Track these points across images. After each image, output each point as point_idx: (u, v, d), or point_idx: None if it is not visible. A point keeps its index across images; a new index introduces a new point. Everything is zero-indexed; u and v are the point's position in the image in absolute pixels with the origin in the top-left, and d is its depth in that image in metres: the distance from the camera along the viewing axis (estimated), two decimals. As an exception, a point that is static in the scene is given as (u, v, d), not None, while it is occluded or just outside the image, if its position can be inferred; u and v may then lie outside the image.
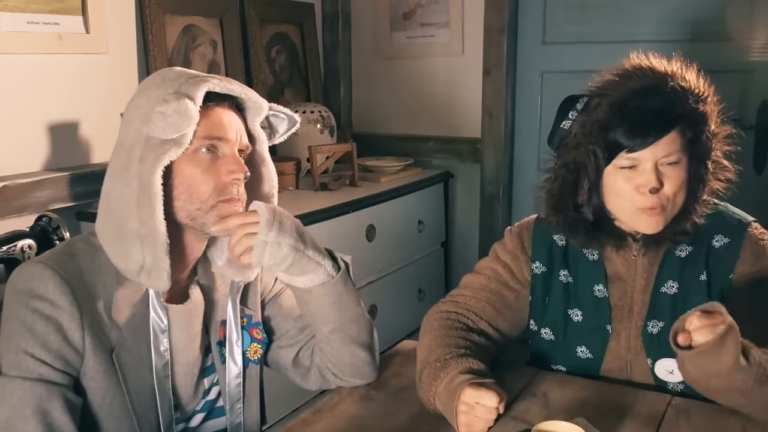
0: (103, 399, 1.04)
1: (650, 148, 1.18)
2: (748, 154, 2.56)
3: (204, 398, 1.20)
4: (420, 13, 3.04)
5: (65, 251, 1.08)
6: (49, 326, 0.99)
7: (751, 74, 2.51)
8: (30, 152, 2.01)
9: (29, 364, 0.98)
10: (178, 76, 1.08)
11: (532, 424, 1.08)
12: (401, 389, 1.30)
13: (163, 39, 2.37)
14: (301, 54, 3.07)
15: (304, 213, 2.18)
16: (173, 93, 1.03)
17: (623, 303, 1.31)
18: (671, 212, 1.23)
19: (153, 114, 1.02)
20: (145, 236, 1.03)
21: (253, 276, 1.22)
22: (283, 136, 1.26)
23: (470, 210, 3.03)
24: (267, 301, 1.32)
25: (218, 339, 1.19)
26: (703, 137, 1.22)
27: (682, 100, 1.20)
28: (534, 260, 1.38)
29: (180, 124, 1.02)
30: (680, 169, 1.21)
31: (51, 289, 1.00)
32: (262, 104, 1.16)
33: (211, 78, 1.08)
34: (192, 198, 1.08)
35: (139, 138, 1.05)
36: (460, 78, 2.98)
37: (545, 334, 1.38)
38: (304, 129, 2.70)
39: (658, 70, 1.23)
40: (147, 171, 1.03)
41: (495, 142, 2.92)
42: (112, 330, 1.05)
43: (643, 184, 1.20)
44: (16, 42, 1.93)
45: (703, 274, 1.28)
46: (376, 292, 2.57)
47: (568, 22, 2.77)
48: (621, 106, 1.20)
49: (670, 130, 1.19)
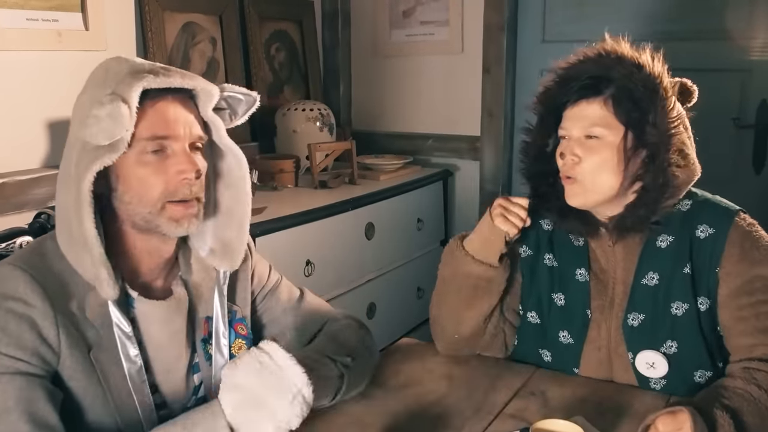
0: (83, 398, 1.02)
1: (577, 119, 1.22)
2: (747, 153, 2.55)
3: (195, 395, 1.18)
4: (420, 11, 3.03)
5: (35, 251, 1.06)
6: (23, 324, 0.97)
7: (751, 73, 2.50)
8: (29, 149, 2.01)
9: (5, 361, 0.96)
10: (119, 71, 1.03)
11: (530, 422, 1.08)
12: (400, 387, 1.30)
13: (163, 36, 2.37)
14: (301, 52, 3.07)
15: (303, 211, 2.18)
16: (110, 94, 0.99)
17: (605, 293, 1.31)
18: (593, 188, 1.22)
19: (88, 117, 0.98)
20: (84, 244, 1.01)
21: (238, 263, 1.19)
22: (242, 117, 1.18)
23: (469, 208, 3.03)
24: (265, 294, 1.31)
25: (202, 336, 1.17)
26: (650, 118, 1.19)
27: (614, 66, 1.21)
28: (521, 244, 1.40)
29: (112, 130, 0.98)
30: (603, 146, 1.21)
31: (22, 289, 0.98)
32: (211, 90, 1.10)
33: (148, 74, 1.02)
34: (142, 201, 1.05)
35: (77, 141, 1.02)
36: (460, 76, 2.98)
37: (531, 317, 1.39)
38: (303, 127, 2.70)
39: (606, 48, 1.26)
40: (79, 177, 1.00)
41: (494, 140, 2.92)
42: (88, 329, 1.03)
43: (562, 151, 1.24)
44: (15, 39, 1.93)
45: (686, 267, 1.25)
46: (375, 290, 2.57)
47: (567, 21, 2.77)
48: (561, 72, 1.28)
49: (599, 92, 1.21)
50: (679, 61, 1.33)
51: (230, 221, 1.18)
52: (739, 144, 2.56)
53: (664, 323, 1.25)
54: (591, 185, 1.23)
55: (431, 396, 1.27)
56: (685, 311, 1.24)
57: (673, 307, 1.25)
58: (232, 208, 1.18)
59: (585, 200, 1.25)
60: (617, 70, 1.21)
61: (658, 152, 1.20)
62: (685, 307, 1.24)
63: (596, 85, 1.22)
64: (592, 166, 1.21)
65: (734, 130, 2.54)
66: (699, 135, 1.30)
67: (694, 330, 1.23)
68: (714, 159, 2.57)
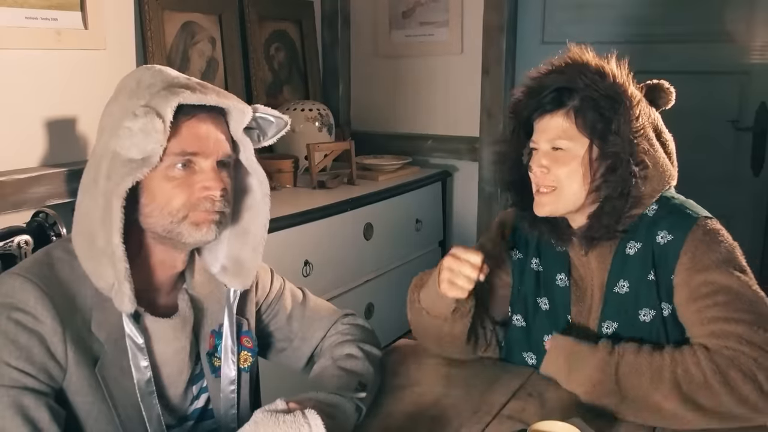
0: (88, 414, 1.01)
1: (543, 131, 1.24)
2: (745, 155, 2.56)
3: (192, 405, 1.17)
4: (419, 12, 3.03)
5: (43, 261, 1.04)
6: (33, 339, 0.96)
7: (750, 76, 2.51)
8: (27, 148, 2.00)
9: (12, 374, 0.95)
10: (153, 83, 1.02)
11: (528, 424, 1.08)
12: (398, 387, 1.30)
13: (162, 36, 2.37)
14: (300, 52, 3.07)
15: (302, 211, 2.18)
16: (144, 106, 0.98)
17: (584, 299, 1.31)
18: (564, 196, 1.23)
19: (121, 128, 0.98)
20: (111, 256, 1.00)
21: (249, 283, 1.19)
22: (271, 139, 1.18)
23: (468, 209, 3.03)
24: (269, 303, 1.31)
25: (207, 350, 1.17)
26: (614, 127, 1.19)
27: (578, 76, 1.21)
28: (512, 247, 1.41)
29: (145, 145, 0.98)
30: (570, 158, 1.21)
31: (32, 303, 0.97)
32: (244, 109, 1.09)
33: (184, 89, 1.01)
34: (163, 212, 1.04)
35: (107, 152, 1.01)
36: (459, 77, 2.98)
37: (517, 320, 1.39)
38: (303, 127, 2.70)
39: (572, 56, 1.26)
40: (110, 190, 0.99)
41: (493, 141, 2.91)
42: (93, 343, 1.02)
43: (532, 163, 1.25)
44: (14, 37, 1.92)
45: (651, 273, 1.24)
46: (374, 290, 2.57)
47: (567, 22, 2.78)
48: (529, 83, 1.28)
49: (562, 104, 1.22)
50: (678, 64, 1.34)
51: (246, 240, 1.18)
52: (737, 146, 2.56)
53: (634, 330, 1.24)
54: (563, 196, 1.23)
55: (429, 397, 1.27)
56: (652, 317, 1.24)
57: (641, 314, 1.24)
58: (249, 228, 1.18)
59: (552, 210, 1.25)
60: (581, 80, 1.21)
61: (620, 162, 1.19)
62: (652, 314, 1.23)
63: (559, 97, 1.22)
64: (560, 176, 1.22)
65: (733, 133, 2.55)
66: (697, 137, 1.30)
67: (662, 336, 1.23)
68: (713, 161, 2.60)
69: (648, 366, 1.14)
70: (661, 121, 1.30)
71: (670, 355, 1.14)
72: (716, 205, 1.34)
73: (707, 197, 1.34)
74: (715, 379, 1.09)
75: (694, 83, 1.32)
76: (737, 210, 2.53)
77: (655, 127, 1.28)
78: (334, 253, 2.34)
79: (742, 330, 1.11)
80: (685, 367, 1.12)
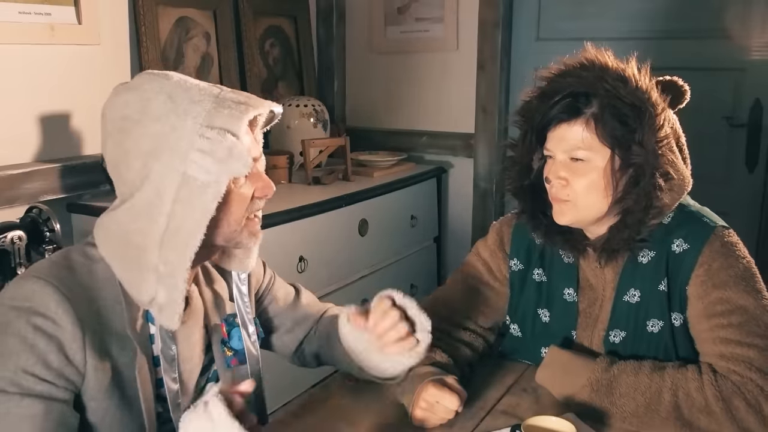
0: (102, 419, 1.00)
1: (559, 141, 1.17)
2: (740, 152, 2.56)
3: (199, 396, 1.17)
4: (414, 8, 3.03)
5: (63, 264, 1.01)
6: (51, 345, 0.94)
7: (745, 72, 2.51)
8: (21, 143, 2.00)
9: (29, 381, 0.93)
10: (199, 99, 0.98)
11: (522, 419, 1.08)
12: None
13: (156, 31, 2.36)
14: (295, 47, 3.06)
15: (297, 207, 2.18)
16: (208, 126, 0.95)
17: (591, 311, 1.29)
18: (582, 209, 1.18)
19: (191, 152, 0.95)
20: (165, 276, 0.98)
21: (251, 265, 1.18)
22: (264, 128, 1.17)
23: (463, 205, 3.03)
24: (262, 292, 1.31)
25: (222, 338, 1.16)
26: (637, 137, 1.13)
27: (597, 80, 1.14)
28: (512, 257, 1.37)
29: (238, 170, 0.97)
30: (590, 169, 1.16)
31: (53, 307, 0.95)
32: (280, 113, 1.11)
33: (242, 104, 0.99)
34: (230, 221, 1.03)
35: (172, 174, 0.96)
36: (455, 73, 2.98)
37: (514, 330, 1.38)
38: (297, 123, 2.70)
39: (589, 58, 1.19)
40: (185, 215, 0.96)
41: (489, 137, 2.92)
42: (113, 349, 1.01)
43: (548, 174, 1.20)
44: (7, 32, 1.92)
45: (662, 283, 1.21)
46: (369, 286, 2.56)
47: (562, 19, 2.78)
48: (543, 88, 1.21)
49: (579, 113, 1.15)
50: (673, 60, 1.34)
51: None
52: (732, 143, 2.57)
53: (642, 340, 1.23)
54: (582, 206, 1.18)
55: (423, 392, 1.27)
56: (660, 328, 1.22)
57: (648, 324, 1.22)
58: None
59: (573, 219, 1.20)
60: (601, 86, 1.13)
61: (643, 174, 1.14)
62: (660, 324, 1.21)
63: (575, 104, 1.15)
64: (581, 188, 1.17)
65: (727, 129, 2.55)
66: (692, 134, 1.28)
67: (669, 347, 1.21)
68: (707, 158, 2.60)
69: (647, 386, 1.13)
70: (678, 124, 1.24)
71: (671, 376, 1.12)
72: (711, 202, 1.32)
73: (701, 194, 1.33)
74: (718, 406, 1.07)
75: (688, 80, 1.31)
76: (731, 207, 2.53)
77: (674, 131, 1.22)
78: (329, 250, 2.34)
79: (754, 355, 1.09)
80: (687, 391, 1.10)
